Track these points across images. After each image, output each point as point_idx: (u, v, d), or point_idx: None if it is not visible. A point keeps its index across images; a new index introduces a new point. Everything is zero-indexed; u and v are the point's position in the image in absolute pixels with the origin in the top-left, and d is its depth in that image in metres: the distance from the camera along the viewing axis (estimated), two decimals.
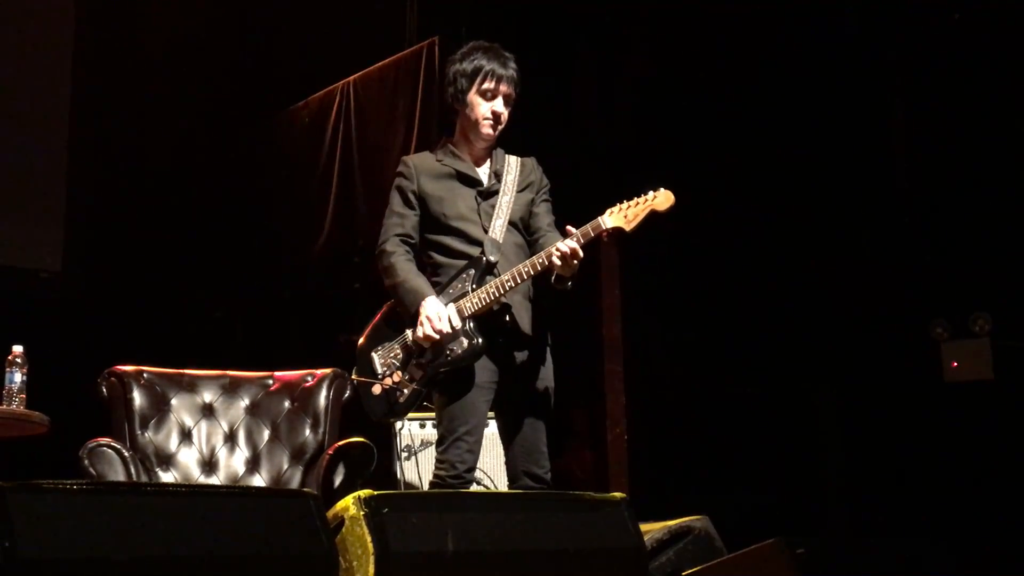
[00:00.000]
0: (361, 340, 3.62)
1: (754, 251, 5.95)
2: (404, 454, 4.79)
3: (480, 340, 3.40)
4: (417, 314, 3.44)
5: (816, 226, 5.95)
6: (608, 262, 5.87)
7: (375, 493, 2.63)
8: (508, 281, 3.40)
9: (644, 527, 3.16)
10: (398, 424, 4.73)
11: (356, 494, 2.62)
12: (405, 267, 3.54)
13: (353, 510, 2.59)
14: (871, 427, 5.85)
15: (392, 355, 3.52)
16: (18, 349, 4.16)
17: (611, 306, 5.95)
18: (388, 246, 3.58)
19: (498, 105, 3.56)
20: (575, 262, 3.33)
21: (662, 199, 3.35)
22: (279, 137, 7.17)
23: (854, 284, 5.90)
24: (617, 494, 3.07)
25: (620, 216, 3.35)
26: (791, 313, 5.90)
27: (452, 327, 3.41)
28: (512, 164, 3.65)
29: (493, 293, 3.41)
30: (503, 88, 3.56)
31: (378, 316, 3.64)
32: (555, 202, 3.76)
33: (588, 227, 3.37)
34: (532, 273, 3.40)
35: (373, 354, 3.56)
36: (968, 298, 5.84)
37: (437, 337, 3.40)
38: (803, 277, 5.91)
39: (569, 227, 3.38)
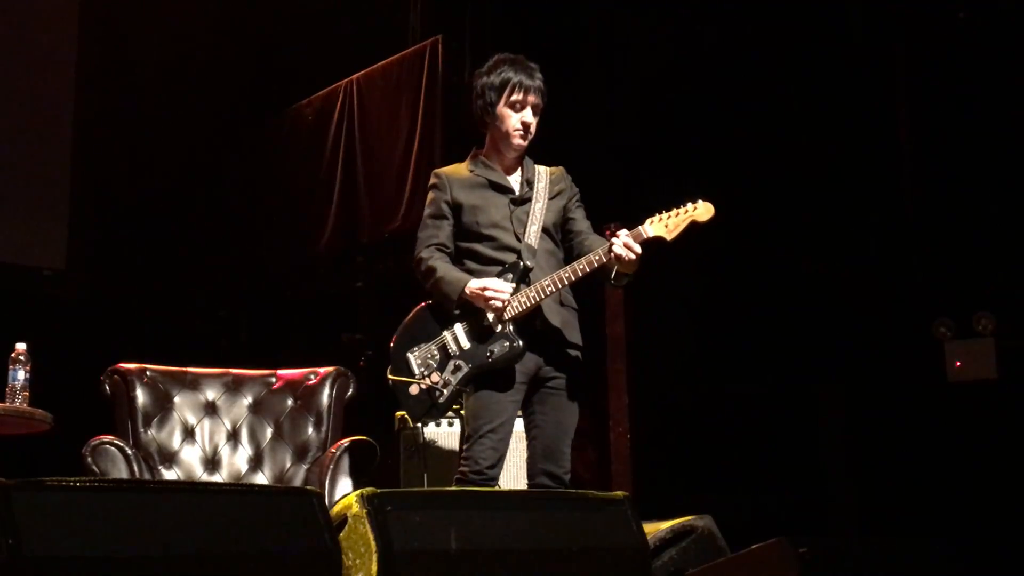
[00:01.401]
0: (392, 341, 3.63)
1: (758, 250, 5.95)
2: (407, 452, 4.79)
3: (520, 343, 3.45)
4: (463, 301, 3.48)
5: (820, 225, 5.94)
6: None
7: (378, 491, 2.63)
8: (549, 285, 3.44)
9: (647, 526, 3.16)
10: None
11: (359, 492, 2.62)
12: (443, 265, 3.58)
13: (356, 508, 2.59)
14: (874, 427, 5.84)
15: (429, 355, 3.53)
16: (21, 347, 4.17)
17: (615, 305, 5.94)
18: (424, 253, 3.62)
19: (527, 116, 3.62)
20: (635, 256, 3.36)
21: (703, 210, 3.40)
22: (283, 135, 7.18)
23: (857, 283, 5.89)
24: (620, 493, 3.07)
25: (661, 226, 3.40)
26: (794, 312, 5.89)
27: (502, 294, 3.43)
28: (542, 172, 3.70)
29: (534, 297, 3.45)
30: (531, 99, 3.61)
31: (408, 317, 3.65)
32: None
33: (630, 235, 3.39)
34: (574, 278, 3.44)
35: (409, 355, 3.57)
36: (972, 297, 5.83)
37: (501, 294, 3.43)
38: (806, 276, 5.90)
39: (620, 231, 3.40)
